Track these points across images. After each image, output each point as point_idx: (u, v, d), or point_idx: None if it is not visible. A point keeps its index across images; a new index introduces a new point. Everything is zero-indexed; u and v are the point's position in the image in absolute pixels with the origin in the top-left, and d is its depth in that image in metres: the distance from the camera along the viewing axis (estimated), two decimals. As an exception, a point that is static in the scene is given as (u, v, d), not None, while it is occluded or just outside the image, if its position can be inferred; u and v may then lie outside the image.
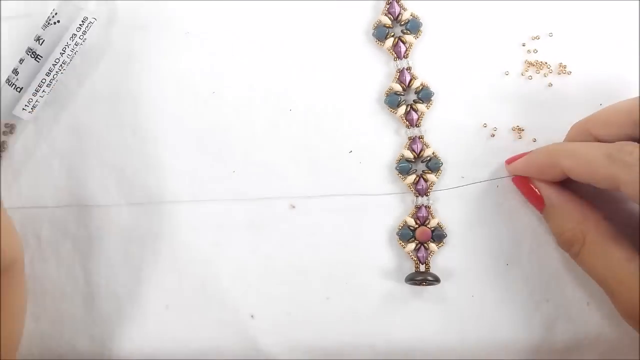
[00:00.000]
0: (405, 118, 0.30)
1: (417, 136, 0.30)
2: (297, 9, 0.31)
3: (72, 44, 0.28)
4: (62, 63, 0.28)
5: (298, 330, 0.30)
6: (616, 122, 0.25)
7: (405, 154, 0.29)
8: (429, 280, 0.29)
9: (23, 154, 0.30)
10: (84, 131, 0.31)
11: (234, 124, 0.30)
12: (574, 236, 0.26)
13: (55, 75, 0.28)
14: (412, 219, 0.29)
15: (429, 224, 0.29)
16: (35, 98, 0.28)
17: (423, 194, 0.29)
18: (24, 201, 0.30)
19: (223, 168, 0.30)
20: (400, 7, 0.30)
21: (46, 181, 0.30)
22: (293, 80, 0.30)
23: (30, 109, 0.28)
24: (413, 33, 0.30)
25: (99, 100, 0.31)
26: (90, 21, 0.28)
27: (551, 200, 0.27)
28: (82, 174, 0.30)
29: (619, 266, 0.24)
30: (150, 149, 0.30)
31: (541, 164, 0.27)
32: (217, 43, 0.31)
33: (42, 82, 0.28)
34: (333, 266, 0.30)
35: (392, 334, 0.30)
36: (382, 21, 0.30)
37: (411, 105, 0.30)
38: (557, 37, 0.30)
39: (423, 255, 0.29)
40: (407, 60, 0.30)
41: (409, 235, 0.29)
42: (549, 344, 0.30)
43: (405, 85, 0.30)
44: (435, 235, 0.29)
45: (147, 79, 0.31)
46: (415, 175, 0.29)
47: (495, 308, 0.30)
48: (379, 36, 0.30)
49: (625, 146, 0.23)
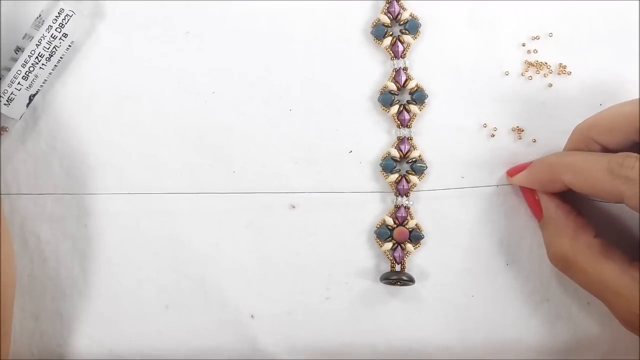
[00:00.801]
0: (397, 118, 0.30)
1: (406, 137, 0.30)
2: (298, 10, 0.31)
3: (48, 36, 0.28)
4: (38, 55, 0.28)
5: (298, 330, 0.30)
6: (618, 129, 0.25)
7: (391, 152, 0.29)
8: (403, 280, 0.29)
9: (23, 154, 0.30)
10: (84, 131, 0.31)
11: (233, 124, 0.30)
12: (566, 252, 0.26)
13: (32, 68, 0.28)
14: (390, 218, 0.30)
15: (407, 224, 0.29)
16: (11, 90, 0.28)
17: (403, 194, 0.29)
18: (24, 201, 0.30)
19: (223, 168, 0.30)
20: (400, 6, 0.30)
21: (46, 181, 0.30)
22: (293, 80, 0.30)
23: (6, 100, 0.28)
24: (412, 33, 0.30)
25: (100, 100, 0.31)
26: (67, 14, 0.28)
27: (549, 212, 0.27)
28: (82, 174, 0.30)
29: (612, 279, 0.24)
30: (151, 149, 0.30)
31: (543, 179, 0.27)
32: (217, 43, 0.31)
33: (17, 73, 0.28)
34: (333, 266, 0.30)
35: (392, 334, 0.30)
36: (380, 20, 0.30)
37: (404, 105, 0.30)
38: (557, 37, 0.30)
39: (399, 255, 0.29)
40: (404, 60, 0.30)
41: (387, 235, 0.29)
42: (549, 344, 0.30)
43: (400, 85, 0.30)
44: (413, 236, 0.29)
45: (148, 78, 0.31)
46: (398, 175, 0.29)
47: (495, 308, 0.30)
48: (377, 35, 0.30)
49: (627, 160, 0.23)
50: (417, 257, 0.30)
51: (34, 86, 0.29)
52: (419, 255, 0.30)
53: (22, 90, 0.29)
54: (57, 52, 0.29)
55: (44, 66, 0.29)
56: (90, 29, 0.30)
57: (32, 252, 0.30)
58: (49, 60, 0.29)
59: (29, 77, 0.28)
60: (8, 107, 0.28)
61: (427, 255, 0.30)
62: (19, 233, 0.30)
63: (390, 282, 0.29)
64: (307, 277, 0.30)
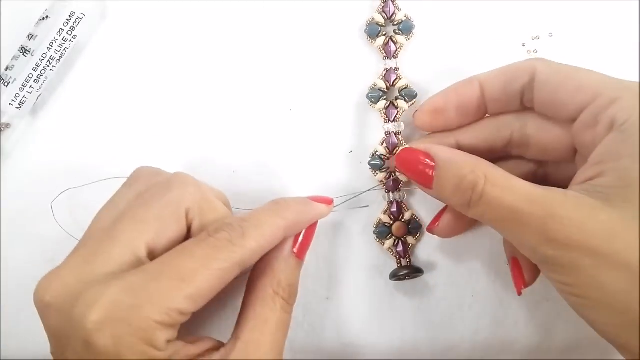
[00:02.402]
0: (385, 113, 0.30)
1: (395, 132, 0.29)
2: (298, 10, 0.31)
3: (60, 39, 0.28)
4: (49, 58, 0.28)
5: (298, 330, 0.30)
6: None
7: (378, 149, 0.29)
8: (413, 274, 0.29)
9: (23, 153, 0.31)
10: (84, 131, 0.31)
11: (234, 124, 0.31)
12: (476, 177, 0.23)
13: (44, 71, 0.28)
14: (386, 215, 0.30)
15: (403, 218, 0.29)
16: (23, 93, 0.28)
17: (394, 190, 0.29)
18: (25, 201, 0.30)
19: (223, 168, 0.30)
20: (395, 7, 0.30)
21: (46, 180, 0.30)
22: (293, 80, 0.31)
23: (18, 104, 0.28)
24: (405, 34, 0.30)
25: (100, 100, 0.31)
26: (78, 17, 0.28)
27: (443, 155, 0.25)
28: (82, 173, 0.30)
29: (527, 191, 0.22)
30: (151, 149, 0.31)
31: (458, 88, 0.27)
32: (217, 43, 0.31)
33: (29, 77, 0.28)
34: (333, 266, 0.30)
35: (392, 334, 0.30)
36: (375, 19, 0.30)
37: (392, 101, 0.30)
38: (557, 37, 0.30)
39: (403, 249, 0.29)
40: (395, 61, 0.30)
41: (387, 233, 0.29)
42: (549, 344, 0.30)
43: (389, 85, 0.30)
44: (412, 228, 0.30)
45: (148, 79, 0.31)
46: (387, 173, 0.29)
47: (495, 308, 0.30)
48: (370, 33, 0.30)
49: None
50: (416, 258, 0.30)
51: (43, 87, 0.29)
52: (419, 255, 0.30)
53: (33, 92, 0.29)
54: (67, 54, 0.29)
55: (54, 68, 0.29)
56: (92, 29, 0.31)
57: (34, 251, 0.30)
58: (58, 62, 0.29)
59: (40, 80, 0.28)
60: (20, 109, 0.28)
61: (427, 255, 0.30)
62: (22, 232, 0.30)
63: (399, 278, 0.29)
64: (307, 277, 0.30)
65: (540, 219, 0.22)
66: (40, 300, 0.22)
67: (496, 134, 0.27)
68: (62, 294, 0.21)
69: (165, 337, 0.21)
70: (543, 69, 0.25)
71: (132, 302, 0.20)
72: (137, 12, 0.31)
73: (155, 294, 0.21)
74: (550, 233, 0.21)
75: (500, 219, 0.23)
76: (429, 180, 0.25)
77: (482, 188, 0.23)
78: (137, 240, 0.22)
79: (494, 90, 0.26)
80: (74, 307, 0.21)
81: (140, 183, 0.25)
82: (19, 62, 0.29)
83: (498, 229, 0.24)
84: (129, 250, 0.22)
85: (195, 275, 0.21)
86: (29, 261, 0.30)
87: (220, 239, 0.22)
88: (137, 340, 0.20)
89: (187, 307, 0.21)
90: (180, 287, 0.21)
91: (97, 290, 0.21)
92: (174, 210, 0.23)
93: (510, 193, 0.23)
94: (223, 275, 0.22)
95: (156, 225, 0.23)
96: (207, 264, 0.21)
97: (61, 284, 0.22)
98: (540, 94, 0.25)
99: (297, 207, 0.25)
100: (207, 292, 0.22)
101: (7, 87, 0.28)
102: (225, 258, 0.22)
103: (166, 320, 0.21)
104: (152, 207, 0.23)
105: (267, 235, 0.23)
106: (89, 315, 0.20)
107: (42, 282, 0.22)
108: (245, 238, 0.22)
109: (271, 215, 0.24)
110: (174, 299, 0.21)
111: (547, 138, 0.26)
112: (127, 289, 0.21)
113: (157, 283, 0.21)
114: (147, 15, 0.31)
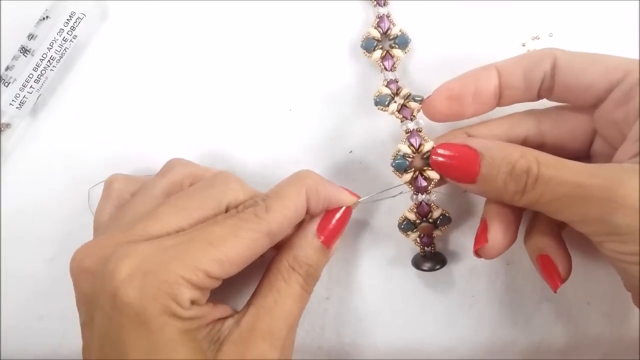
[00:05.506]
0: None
1: (416, 129, 0.28)
2: (298, 10, 0.31)
3: (60, 39, 0.28)
4: (50, 59, 0.28)
5: (298, 330, 0.30)
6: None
7: (401, 149, 0.27)
8: (437, 268, 0.29)
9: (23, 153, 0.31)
10: (84, 131, 0.31)
11: (234, 124, 0.31)
12: (528, 161, 0.23)
13: (44, 71, 0.28)
14: (412, 214, 0.28)
15: (431, 216, 0.28)
16: (23, 93, 0.28)
17: (423, 192, 0.28)
18: (25, 201, 0.30)
19: (223, 168, 0.30)
20: (390, 22, 0.30)
21: (47, 180, 0.30)
22: (293, 80, 0.31)
23: (18, 104, 0.28)
24: (401, 48, 0.29)
25: (100, 100, 0.31)
26: (79, 17, 0.28)
27: (487, 144, 0.25)
28: (82, 174, 0.30)
29: (583, 167, 0.22)
30: (151, 149, 0.31)
31: (476, 73, 0.26)
32: (217, 44, 0.31)
33: (29, 77, 0.28)
34: (333, 266, 0.30)
35: (392, 334, 0.30)
36: (371, 34, 0.30)
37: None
38: (557, 37, 0.30)
39: (427, 240, 0.29)
40: (394, 74, 0.29)
41: (412, 227, 0.28)
42: (549, 344, 0.30)
43: (394, 92, 0.29)
44: (441, 221, 0.28)
45: (148, 79, 0.31)
46: (413, 172, 0.27)
47: (495, 308, 0.30)
48: (366, 48, 0.29)
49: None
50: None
51: (44, 87, 0.29)
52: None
53: (33, 92, 0.29)
54: (67, 54, 0.29)
55: (54, 68, 0.29)
56: (93, 29, 0.31)
57: (35, 251, 0.30)
58: (58, 62, 0.29)
59: (40, 80, 0.28)
60: (20, 110, 0.28)
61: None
62: (22, 232, 0.30)
63: (424, 270, 0.29)
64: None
65: (606, 189, 0.21)
66: (77, 266, 0.23)
67: (511, 132, 0.27)
68: (99, 256, 0.22)
69: (189, 296, 0.21)
70: (562, 55, 0.25)
71: (162, 258, 0.21)
72: (138, 13, 0.31)
73: (185, 253, 0.21)
74: (620, 199, 0.21)
75: (560, 197, 0.22)
76: (472, 175, 0.24)
77: (536, 170, 0.23)
78: (177, 221, 0.23)
79: (513, 77, 0.26)
80: (107, 265, 0.21)
81: (174, 172, 0.26)
82: (19, 62, 0.29)
83: (556, 210, 0.23)
84: (167, 227, 0.23)
85: (224, 241, 0.22)
86: (29, 261, 0.30)
87: (248, 213, 0.23)
88: (162, 293, 0.20)
89: (214, 270, 0.21)
90: (208, 249, 0.22)
91: (129, 246, 0.21)
92: (215, 205, 0.24)
93: (566, 170, 0.23)
94: (251, 244, 0.22)
95: (196, 214, 0.23)
96: (235, 231, 0.22)
97: (99, 248, 0.22)
98: (565, 79, 0.25)
99: (316, 177, 0.25)
100: (236, 259, 0.22)
101: (7, 87, 0.28)
102: (252, 227, 0.23)
103: (193, 279, 0.21)
104: (195, 198, 0.24)
105: (289, 204, 0.24)
106: (118, 269, 0.21)
107: (80, 250, 0.23)
108: (269, 211, 0.23)
109: (291, 184, 0.25)
110: (202, 259, 0.21)
111: (563, 132, 0.26)
112: (158, 248, 0.22)
113: (187, 245, 0.22)
114: (148, 16, 0.31)
